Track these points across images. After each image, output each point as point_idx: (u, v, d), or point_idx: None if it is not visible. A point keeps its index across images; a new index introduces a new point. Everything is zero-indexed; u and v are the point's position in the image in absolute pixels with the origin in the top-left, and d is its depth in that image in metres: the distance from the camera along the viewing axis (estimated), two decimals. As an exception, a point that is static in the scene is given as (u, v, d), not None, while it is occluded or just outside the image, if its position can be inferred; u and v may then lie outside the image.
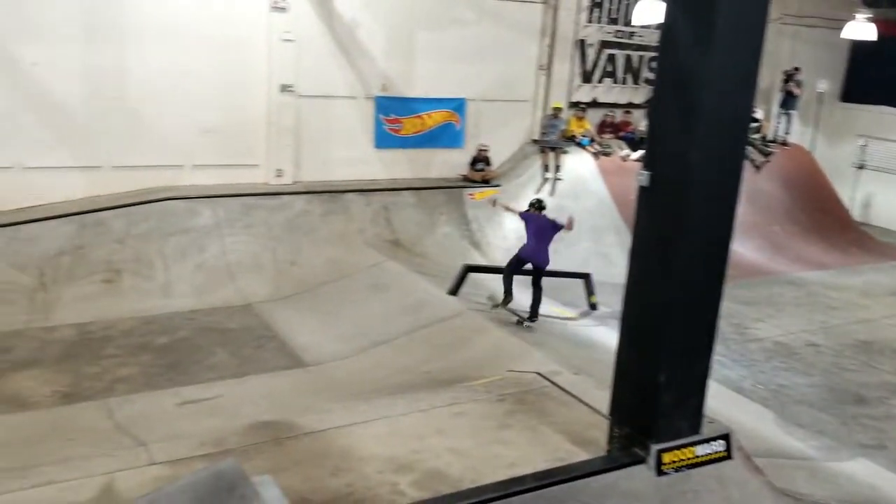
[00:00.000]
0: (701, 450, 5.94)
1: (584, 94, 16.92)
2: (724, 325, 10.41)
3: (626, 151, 16.45)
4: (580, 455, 6.25)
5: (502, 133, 15.80)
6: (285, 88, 13.35)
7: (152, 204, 12.09)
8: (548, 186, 15.50)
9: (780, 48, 18.46)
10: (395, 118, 14.69)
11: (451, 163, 15.39)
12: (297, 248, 12.68)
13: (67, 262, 11.15)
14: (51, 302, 10.70)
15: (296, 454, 6.21)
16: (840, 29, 16.89)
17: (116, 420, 7.74)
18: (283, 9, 12.98)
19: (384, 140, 14.70)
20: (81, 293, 10.94)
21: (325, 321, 10.85)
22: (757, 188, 16.90)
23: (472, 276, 11.38)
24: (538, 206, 11.06)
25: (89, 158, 12.21)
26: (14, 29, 11.30)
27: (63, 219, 11.45)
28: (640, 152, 15.20)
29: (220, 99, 12.95)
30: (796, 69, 18.37)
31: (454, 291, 10.93)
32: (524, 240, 10.95)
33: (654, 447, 5.72)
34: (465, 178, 15.23)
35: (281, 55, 13.22)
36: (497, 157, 15.58)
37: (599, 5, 16.57)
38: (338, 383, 8.95)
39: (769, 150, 17.92)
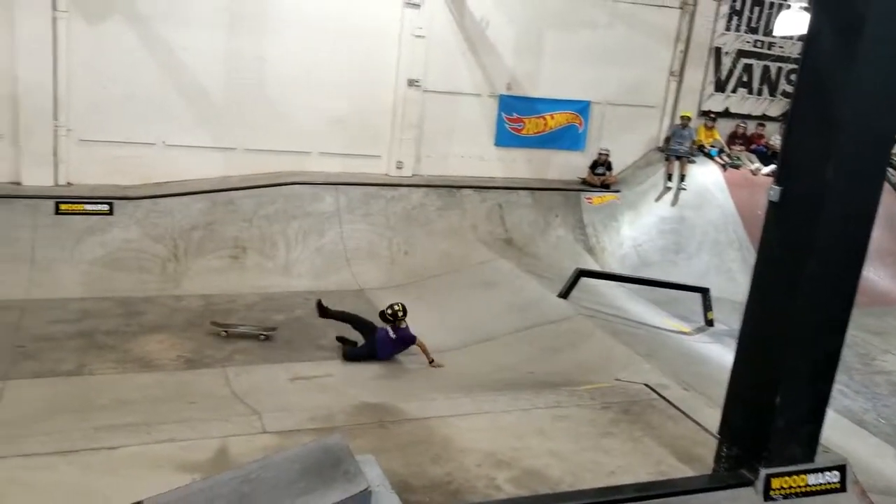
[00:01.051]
0: (813, 479, 5.66)
1: (716, 103, 16.40)
2: (848, 354, 9.85)
3: (757, 165, 15.83)
4: (684, 471, 6.10)
5: (626, 138, 15.52)
6: (412, 83, 13.62)
7: (280, 187, 12.62)
8: (670, 196, 15.13)
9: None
10: (518, 117, 14.70)
11: (570, 165, 15.26)
12: (411, 239, 12.93)
13: (199, 237, 11.82)
14: (181, 272, 11.37)
15: (398, 438, 6.36)
16: None
17: (233, 388, 8.14)
18: (416, 5, 13.24)
19: (505, 138, 14.75)
20: (209, 266, 11.57)
21: (434, 312, 10.99)
22: (896, 213, 15.88)
23: (584, 280, 11.25)
24: (394, 315, 9.33)
25: (225, 140, 12.86)
26: (167, 14, 12.04)
27: (197, 195, 12.14)
28: (772, 167, 14.63)
29: (349, 90, 13.35)
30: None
31: (565, 295, 10.84)
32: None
33: (764, 471, 5.51)
34: (584, 182, 15.06)
35: (411, 50, 13.49)
36: (619, 163, 15.31)
37: (739, 13, 16.01)
38: (442, 374, 9.08)
39: (914, 173, 16.78)
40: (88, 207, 11.39)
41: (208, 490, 4.49)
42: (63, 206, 11.25)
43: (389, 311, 9.38)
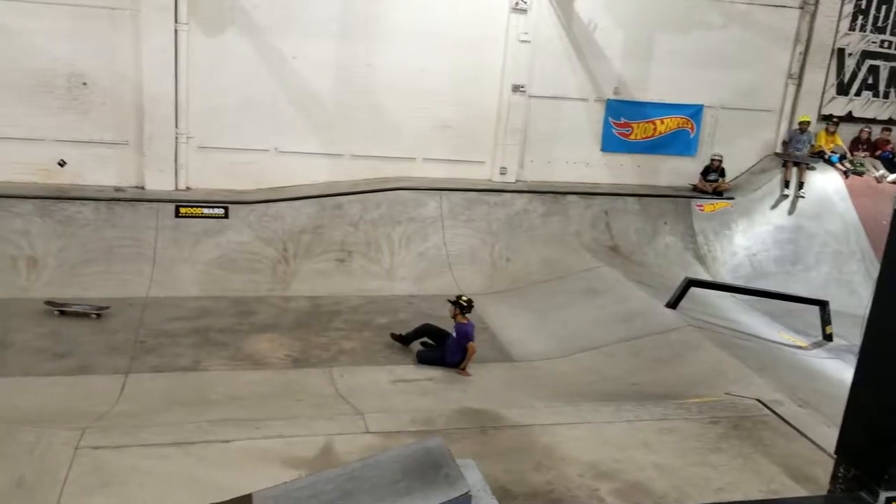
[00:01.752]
0: (941, 506, 5.26)
1: (838, 107, 15.57)
2: None
3: (882, 172, 14.94)
4: (797, 491, 5.81)
5: (740, 143, 14.96)
6: (517, 88, 13.58)
7: (385, 192, 12.86)
8: (787, 204, 14.48)
9: None
10: (626, 122, 14.41)
11: (680, 171, 14.82)
12: (514, 245, 12.89)
13: (307, 240, 12.17)
14: (290, 274, 11.73)
15: (499, 444, 6.33)
16: None
17: (338, 388, 8.33)
18: (523, 10, 13.21)
19: (611, 144, 14.49)
20: (317, 269, 11.89)
21: (536, 319, 10.92)
22: None
23: (694, 290, 10.89)
24: (468, 303, 9.45)
25: (334, 146, 13.20)
26: (281, 24, 12.48)
27: (307, 200, 12.52)
28: (899, 173, 13.82)
29: (454, 96, 13.45)
30: None
31: (673, 305, 10.52)
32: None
33: (885, 494, 5.15)
34: (695, 189, 14.61)
35: (516, 55, 13.46)
36: (732, 169, 14.77)
37: (864, 12, 15.16)
38: (543, 382, 8.99)
39: None
40: (205, 211, 11.94)
41: (313, 486, 4.59)
42: (182, 210, 11.84)
43: (465, 299, 9.39)
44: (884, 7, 15.24)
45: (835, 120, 15.33)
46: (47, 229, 11.20)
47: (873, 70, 15.58)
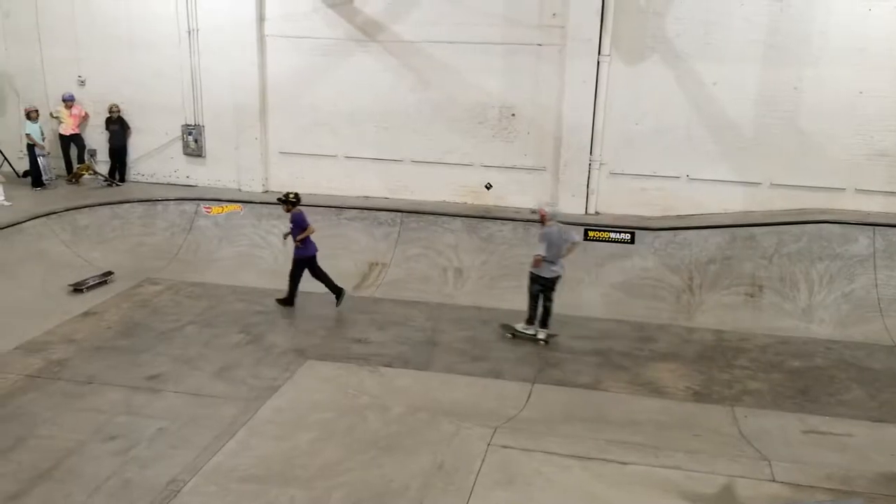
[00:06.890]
0: None
1: None
2: None
3: None
4: None
5: None
6: (983, 108, 11.51)
7: (805, 225, 11.82)
8: None
9: None
10: None
11: None
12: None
13: (714, 270, 11.73)
14: (695, 305, 11.39)
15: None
16: None
17: (741, 429, 7.81)
18: None
19: None
20: (723, 301, 11.37)
21: None
22: None
23: None
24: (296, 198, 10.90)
25: (749, 174, 12.57)
26: (702, 51, 12.28)
27: (716, 229, 12.09)
28: None
29: (898, 120, 11.91)
30: None
31: None
32: None
33: None
34: None
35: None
36: None
37: None
38: None
39: None
40: (612, 235, 12.23)
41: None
42: (591, 233, 12.26)
43: (293, 196, 10.80)
44: None
45: None
46: (472, 245, 12.53)
47: None
